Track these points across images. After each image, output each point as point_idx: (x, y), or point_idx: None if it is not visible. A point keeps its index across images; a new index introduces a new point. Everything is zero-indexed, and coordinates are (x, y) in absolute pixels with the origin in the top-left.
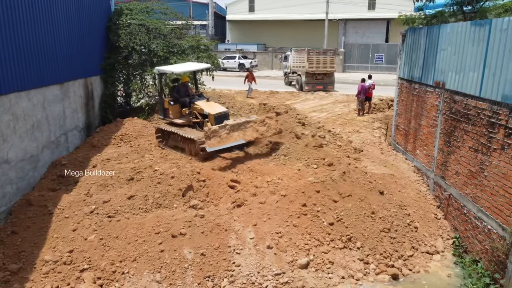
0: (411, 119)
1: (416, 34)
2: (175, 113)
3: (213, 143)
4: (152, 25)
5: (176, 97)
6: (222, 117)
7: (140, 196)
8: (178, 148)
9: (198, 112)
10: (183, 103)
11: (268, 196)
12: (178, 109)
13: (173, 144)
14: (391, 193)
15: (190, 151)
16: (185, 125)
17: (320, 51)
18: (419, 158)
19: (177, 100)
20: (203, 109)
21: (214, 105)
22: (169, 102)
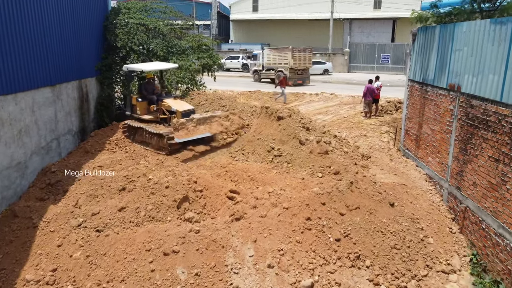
0: (423, 124)
1: (428, 33)
2: (142, 109)
3: (181, 134)
4: (151, 24)
5: (143, 94)
6: (189, 114)
7: (132, 208)
8: (145, 143)
9: (166, 109)
10: (151, 100)
11: (269, 208)
12: (145, 106)
13: (140, 139)
14: (402, 205)
15: (157, 146)
16: (152, 121)
17: (301, 49)
18: (431, 166)
19: (145, 97)
20: (171, 106)
21: (181, 102)
22: (137, 99)
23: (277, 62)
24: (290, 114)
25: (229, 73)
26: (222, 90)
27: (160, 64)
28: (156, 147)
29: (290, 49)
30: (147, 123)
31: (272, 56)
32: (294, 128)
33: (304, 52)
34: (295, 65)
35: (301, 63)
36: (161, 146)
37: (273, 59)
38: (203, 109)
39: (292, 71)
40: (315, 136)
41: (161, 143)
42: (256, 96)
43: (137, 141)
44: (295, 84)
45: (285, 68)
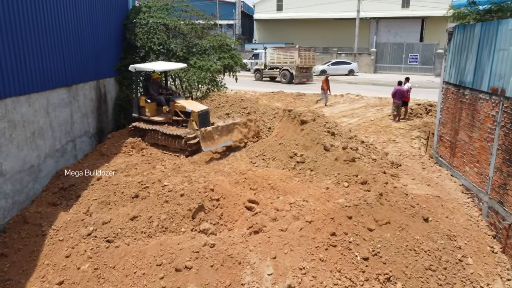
0: (459, 130)
1: (466, 32)
2: (151, 111)
3: (208, 143)
4: (171, 24)
5: (151, 95)
6: (204, 114)
7: (144, 218)
8: (156, 145)
9: (180, 110)
10: (160, 101)
11: (290, 221)
12: (154, 107)
13: (151, 141)
14: (437, 220)
15: (175, 148)
16: (163, 123)
17: (306, 48)
18: (468, 176)
19: (153, 98)
20: (185, 107)
21: (194, 103)
22: (146, 100)
23: (282, 61)
24: (314, 118)
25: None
26: (244, 91)
27: (169, 64)
28: (173, 149)
29: (297, 48)
30: (158, 125)
31: (276, 55)
32: (319, 133)
33: (308, 51)
34: (302, 64)
35: (306, 62)
36: (179, 148)
37: (277, 58)
38: (223, 111)
39: (298, 70)
40: (341, 141)
41: (179, 145)
42: (279, 97)
43: (148, 142)
44: (301, 82)
45: (291, 67)
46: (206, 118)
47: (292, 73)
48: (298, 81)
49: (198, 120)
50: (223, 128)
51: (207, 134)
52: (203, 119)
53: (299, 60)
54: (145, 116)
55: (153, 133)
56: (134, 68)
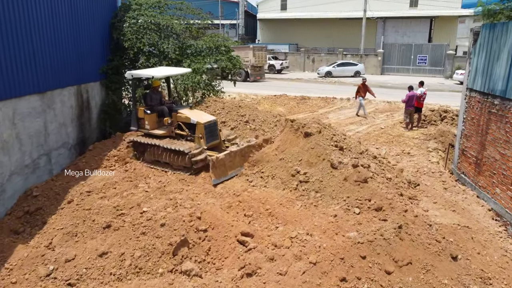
0: (487, 145)
1: (497, 32)
2: (152, 123)
3: (219, 174)
4: (164, 23)
5: (151, 105)
6: (211, 126)
7: (115, 255)
8: (158, 162)
9: (183, 121)
10: (161, 111)
11: (291, 262)
12: (155, 119)
13: (152, 158)
14: (467, 257)
15: (178, 165)
16: (165, 137)
17: (259, 48)
18: (500, 200)
19: (153, 108)
20: (190, 118)
21: (200, 113)
22: (145, 111)
23: None
24: (320, 130)
25: None
26: (245, 94)
27: (171, 69)
28: (177, 166)
29: (251, 48)
30: (158, 139)
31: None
32: (325, 148)
33: (261, 51)
34: (256, 63)
35: (259, 61)
36: (183, 166)
37: None
38: (220, 119)
39: (253, 68)
40: (351, 157)
41: (182, 162)
42: (281, 101)
43: (147, 160)
44: (255, 80)
45: (246, 66)
46: (214, 130)
47: (248, 72)
48: (253, 79)
49: (204, 133)
50: (237, 153)
51: (218, 162)
52: (210, 131)
53: (254, 60)
54: (145, 129)
55: (154, 148)
56: (131, 74)
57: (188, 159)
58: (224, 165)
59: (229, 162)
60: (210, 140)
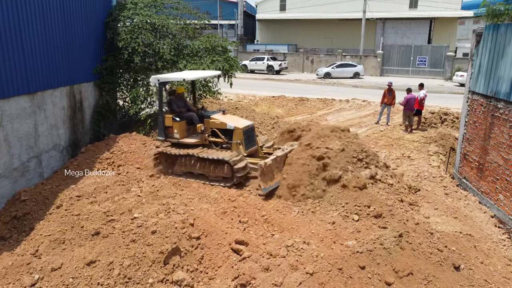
0: (490, 150)
1: (502, 33)
2: (182, 131)
3: (268, 182)
4: (159, 23)
5: (179, 112)
6: (249, 131)
7: (104, 263)
8: (192, 175)
9: (218, 127)
10: (190, 118)
11: (287, 272)
12: (185, 127)
13: (184, 170)
14: (470, 267)
15: (217, 176)
16: (197, 145)
17: None
18: (503, 207)
19: (181, 115)
20: (226, 123)
21: (235, 118)
22: (174, 119)
23: None
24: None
25: (253, 75)
26: (243, 95)
27: (199, 72)
28: (214, 177)
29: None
30: (190, 149)
31: None
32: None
33: None
34: None
35: None
36: (222, 177)
37: None
38: None
39: None
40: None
41: (222, 172)
42: (279, 103)
43: (177, 173)
44: None
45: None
46: (252, 136)
47: None
48: None
49: (243, 139)
50: (282, 158)
51: (267, 169)
52: (248, 137)
53: None
54: (174, 139)
55: (187, 159)
56: (158, 79)
57: (228, 169)
58: (272, 171)
59: (276, 168)
60: (249, 147)
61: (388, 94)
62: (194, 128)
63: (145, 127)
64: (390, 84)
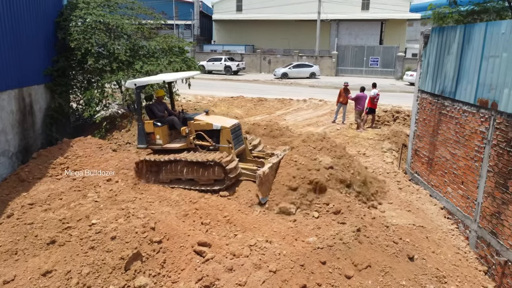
0: (438, 145)
1: (446, 35)
2: (164, 136)
3: (266, 191)
4: (113, 23)
5: (159, 117)
6: (237, 130)
7: (61, 273)
8: (180, 181)
9: (203, 129)
10: (171, 122)
11: (250, 272)
12: (167, 131)
13: (171, 177)
14: (423, 257)
15: (207, 179)
16: (181, 150)
17: None
18: (451, 199)
19: (162, 120)
20: (212, 124)
21: (220, 117)
22: (155, 124)
23: None
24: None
25: (211, 75)
26: (201, 96)
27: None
28: (205, 181)
29: None
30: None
31: None
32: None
33: None
34: None
35: None
36: (214, 180)
37: None
38: None
39: None
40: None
41: (213, 174)
42: (238, 103)
43: (163, 181)
44: None
45: None
46: (240, 135)
47: None
48: None
49: (231, 139)
50: (277, 166)
51: (265, 177)
52: (236, 136)
53: None
54: (157, 145)
55: (174, 165)
56: (134, 83)
57: (220, 170)
58: (269, 180)
59: (271, 176)
60: (237, 146)
61: (344, 93)
62: (177, 132)
63: (101, 130)
64: (346, 84)
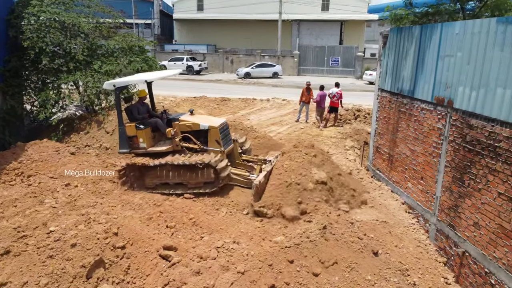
0: (398, 142)
1: (404, 35)
2: (148, 139)
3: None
4: (69, 21)
5: (141, 119)
6: (225, 129)
7: (16, 285)
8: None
9: (189, 130)
10: (155, 124)
11: (218, 274)
12: (151, 134)
13: (156, 182)
14: (387, 251)
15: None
16: (166, 153)
17: None
18: (411, 194)
19: (145, 122)
20: (199, 124)
21: (206, 117)
22: (137, 127)
23: None
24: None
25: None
26: (163, 96)
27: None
28: (194, 184)
29: None
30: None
31: None
32: None
33: None
34: None
35: None
36: (204, 182)
37: None
38: None
39: None
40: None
41: (203, 177)
42: (201, 103)
43: (148, 186)
44: None
45: None
46: (228, 134)
47: None
48: None
49: (220, 139)
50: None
51: (261, 186)
52: (225, 135)
53: None
54: (141, 149)
55: (160, 169)
56: (113, 84)
57: (210, 172)
58: (263, 189)
59: (265, 184)
60: (226, 146)
61: (307, 92)
62: (160, 134)
63: (58, 132)
64: (309, 83)
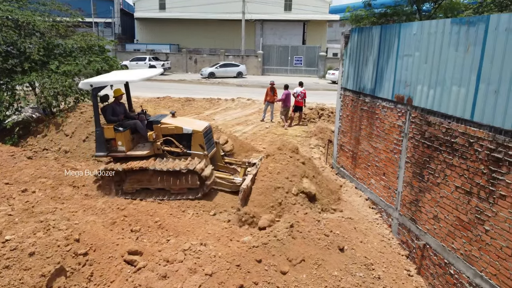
0: (361, 140)
1: (364, 36)
2: (127, 142)
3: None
4: (23, 19)
5: (118, 121)
6: (209, 133)
7: None
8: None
9: (173, 133)
10: (134, 126)
11: (186, 277)
12: (130, 137)
13: (136, 187)
14: (353, 247)
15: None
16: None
17: None
18: (374, 190)
19: (123, 124)
20: (182, 127)
21: (188, 119)
22: (116, 129)
23: None
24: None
25: None
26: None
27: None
28: (177, 190)
29: None
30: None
31: None
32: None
33: None
34: None
35: None
36: (187, 189)
37: None
38: None
39: None
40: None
41: (186, 182)
42: (165, 104)
43: (128, 192)
44: None
45: None
46: (211, 138)
47: None
48: None
49: (204, 143)
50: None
51: (248, 190)
52: (208, 139)
53: None
54: (119, 152)
55: (141, 174)
56: (90, 84)
57: (194, 178)
58: (250, 193)
59: (250, 188)
60: (210, 150)
61: (271, 92)
62: (138, 137)
63: (13, 136)
64: (273, 83)
